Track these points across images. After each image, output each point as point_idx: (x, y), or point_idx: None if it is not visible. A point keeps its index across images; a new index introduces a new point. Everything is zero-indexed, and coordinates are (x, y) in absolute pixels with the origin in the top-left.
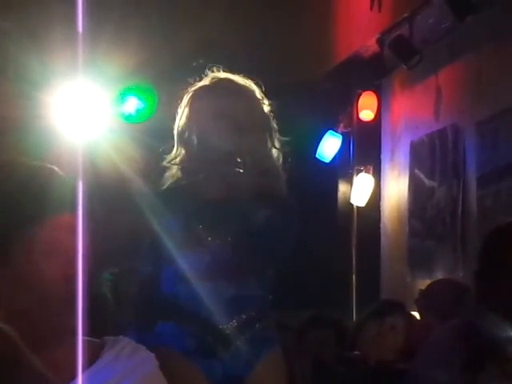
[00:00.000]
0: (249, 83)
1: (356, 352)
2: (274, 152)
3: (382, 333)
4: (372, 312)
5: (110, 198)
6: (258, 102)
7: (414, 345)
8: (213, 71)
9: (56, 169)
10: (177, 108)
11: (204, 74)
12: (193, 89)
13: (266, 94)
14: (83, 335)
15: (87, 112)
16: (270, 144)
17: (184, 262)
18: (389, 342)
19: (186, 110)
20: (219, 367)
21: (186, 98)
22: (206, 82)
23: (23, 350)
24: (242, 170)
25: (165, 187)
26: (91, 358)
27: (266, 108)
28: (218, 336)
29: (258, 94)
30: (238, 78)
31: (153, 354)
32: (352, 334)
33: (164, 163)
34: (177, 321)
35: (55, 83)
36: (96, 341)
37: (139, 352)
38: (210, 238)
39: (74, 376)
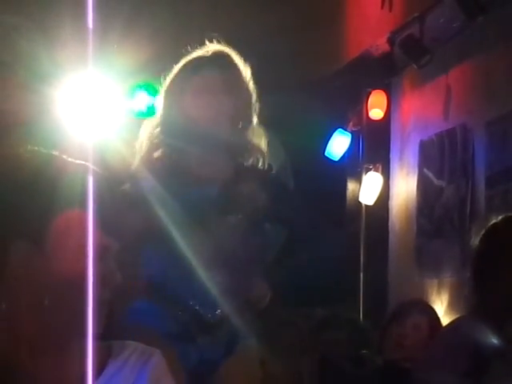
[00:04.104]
0: (241, 62)
1: (364, 351)
2: (249, 132)
3: (405, 334)
4: (393, 315)
5: (120, 193)
6: (245, 81)
7: None
8: (211, 41)
9: (69, 159)
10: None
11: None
12: (188, 59)
13: (276, 93)
14: (93, 338)
15: (97, 107)
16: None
17: (182, 245)
18: (412, 342)
19: (179, 79)
20: (196, 353)
21: (178, 68)
22: (202, 52)
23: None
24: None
25: (163, 168)
26: (98, 367)
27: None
28: (201, 324)
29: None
30: (233, 53)
31: (159, 352)
32: (377, 339)
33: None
34: (161, 303)
35: (65, 78)
36: (102, 345)
37: (146, 355)
38: (212, 225)
39: None
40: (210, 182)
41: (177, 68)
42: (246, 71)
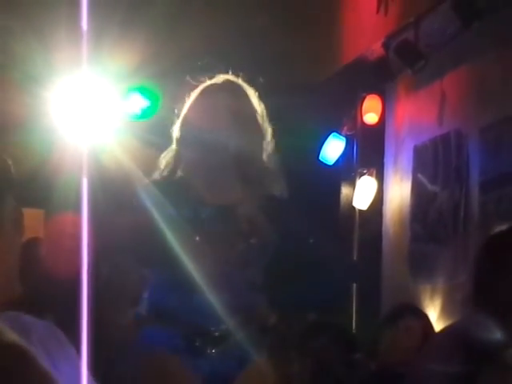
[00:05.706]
0: (246, 86)
1: (357, 355)
2: (265, 155)
3: (397, 336)
4: (386, 318)
5: (114, 196)
6: (251, 105)
7: None
8: (220, 72)
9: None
10: (181, 106)
11: (208, 72)
12: (200, 87)
13: (271, 96)
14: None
15: (91, 110)
16: (257, 147)
17: (179, 267)
18: (404, 344)
19: (192, 105)
20: (207, 365)
21: (192, 95)
22: (212, 80)
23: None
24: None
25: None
26: None
27: (260, 111)
28: (207, 338)
29: (253, 96)
30: (241, 81)
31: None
32: (371, 343)
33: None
34: (165, 325)
35: (59, 81)
36: None
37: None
38: (214, 245)
39: None
40: (214, 204)
41: (193, 96)
42: (257, 103)
